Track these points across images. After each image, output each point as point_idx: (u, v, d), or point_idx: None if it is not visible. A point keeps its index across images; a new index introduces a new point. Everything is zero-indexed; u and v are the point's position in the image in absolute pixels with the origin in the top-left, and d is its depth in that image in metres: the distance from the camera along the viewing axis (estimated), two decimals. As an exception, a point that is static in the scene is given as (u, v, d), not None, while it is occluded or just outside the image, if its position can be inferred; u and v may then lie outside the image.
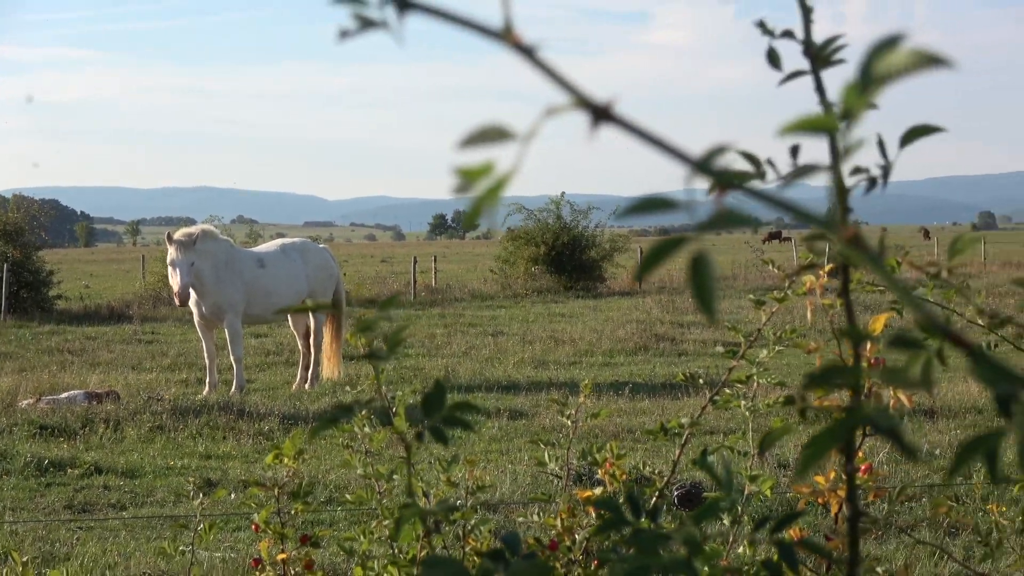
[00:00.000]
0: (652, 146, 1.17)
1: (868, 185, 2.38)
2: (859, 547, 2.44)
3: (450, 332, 33.59)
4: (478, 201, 1.20)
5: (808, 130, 1.18)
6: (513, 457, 16.01)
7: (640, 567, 2.11)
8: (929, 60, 1.15)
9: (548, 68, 1.18)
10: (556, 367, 26.71)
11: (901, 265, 4.06)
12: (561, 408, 6.02)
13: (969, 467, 1.18)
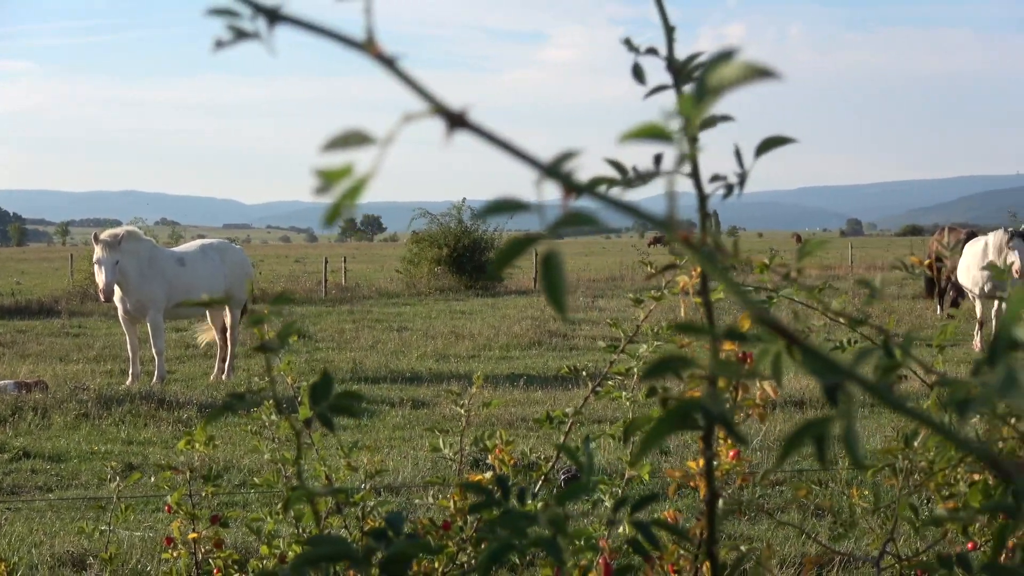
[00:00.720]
0: (505, 151, 1.16)
1: (726, 192, 2.39)
2: (716, 526, 2.45)
3: (358, 327, 33.57)
4: (338, 201, 1.19)
5: (646, 137, 1.17)
6: (415, 444, 16.04)
7: (506, 545, 2.11)
8: (757, 72, 1.14)
9: (407, 77, 1.17)
10: (456, 360, 26.80)
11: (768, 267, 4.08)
12: (456, 399, 6.04)
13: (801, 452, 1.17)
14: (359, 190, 1.19)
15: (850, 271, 55.64)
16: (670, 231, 1.14)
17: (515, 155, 1.16)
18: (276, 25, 1.26)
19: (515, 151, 1.16)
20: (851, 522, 4.55)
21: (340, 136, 1.19)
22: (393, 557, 2.32)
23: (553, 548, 2.11)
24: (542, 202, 1.17)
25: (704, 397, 1.15)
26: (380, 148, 1.17)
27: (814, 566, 4.48)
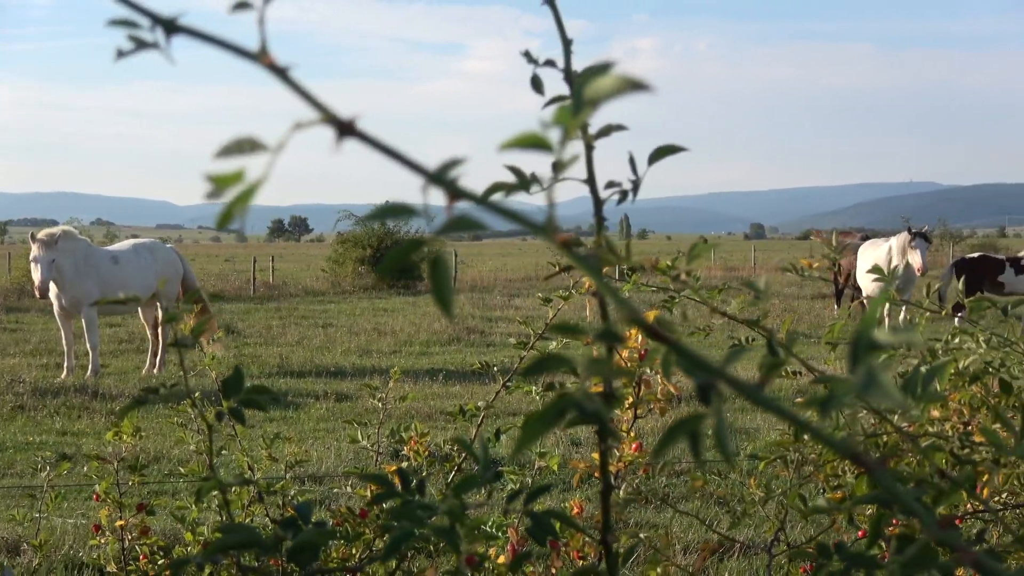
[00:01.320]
0: (392, 159, 1.16)
1: (620, 197, 2.39)
2: (609, 515, 2.45)
3: (285, 324, 33.50)
4: (229, 205, 1.18)
5: (525, 146, 1.16)
6: (338, 435, 16.00)
7: (406, 533, 2.10)
8: (632, 85, 1.14)
9: (298, 87, 1.16)
10: (379, 355, 26.81)
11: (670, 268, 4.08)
12: (373, 392, 6.05)
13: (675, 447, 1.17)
14: (250, 195, 1.18)
15: (753, 272, 56.03)
16: (548, 235, 1.13)
17: (401, 162, 1.15)
18: (173, 36, 1.24)
19: (401, 159, 1.15)
20: (743, 511, 4.57)
21: (233, 143, 1.18)
22: (301, 545, 2.31)
23: (450, 537, 2.11)
24: (428, 206, 1.16)
25: (578, 394, 1.15)
26: (272, 155, 1.16)
27: (711, 553, 4.49)
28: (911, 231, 28.03)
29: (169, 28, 1.24)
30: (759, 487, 4.43)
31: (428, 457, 5.21)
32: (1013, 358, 3.93)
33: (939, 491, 2.04)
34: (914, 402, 1.92)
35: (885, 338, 1.12)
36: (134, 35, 1.25)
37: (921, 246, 27.52)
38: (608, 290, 1.13)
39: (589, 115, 1.16)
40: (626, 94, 1.12)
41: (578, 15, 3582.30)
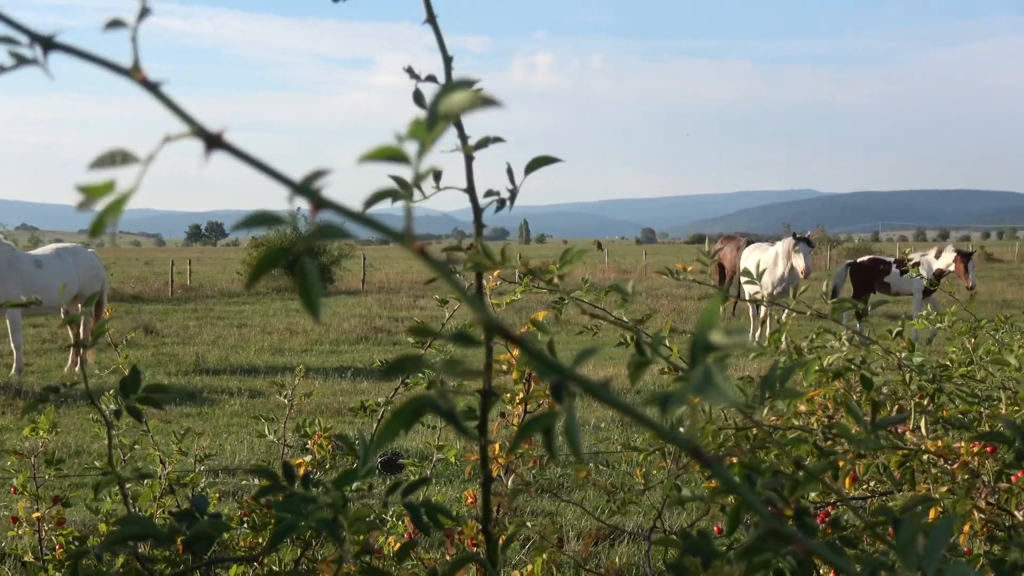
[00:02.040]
0: (258, 170, 1.15)
1: (498, 205, 2.39)
2: (489, 506, 2.45)
3: (201, 324, 33.30)
4: (101, 214, 1.17)
5: (383, 159, 1.16)
6: (251, 430, 15.94)
7: (290, 525, 2.09)
8: (482, 101, 1.14)
9: (169, 101, 1.15)
10: (291, 354, 26.70)
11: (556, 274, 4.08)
12: (279, 389, 6.05)
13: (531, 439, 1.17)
14: (121, 204, 1.16)
15: (644, 275, 56.30)
16: (405, 243, 1.13)
17: (267, 174, 1.14)
18: (51, 52, 1.23)
19: (267, 170, 1.14)
20: (624, 500, 4.59)
21: (106, 155, 1.17)
22: (195, 536, 2.29)
23: (332, 528, 2.10)
24: (295, 214, 1.16)
25: (434, 394, 1.14)
26: (142, 166, 1.15)
27: (594, 539, 4.51)
28: (795, 236, 28.36)
29: (46, 45, 1.23)
30: (642, 477, 4.45)
31: (332, 451, 5.20)
32: (874, 355, 3.98)
33: (795, 482, 2.06)
34: (760, 401, 1.93)
35: (719, 339, 1.13)
36: (14, 51, 1.23)
37: (804, 250, 27.91)
38: (462, 293, 1.13)
39: (444, 129, 1.15)
40: (477, 110, 1.12)
41: (481, 32, 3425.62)
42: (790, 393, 2.07)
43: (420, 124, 1.14)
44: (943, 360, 4.54)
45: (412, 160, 1.15)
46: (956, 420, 3.79)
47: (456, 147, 2.30)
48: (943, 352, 4.73)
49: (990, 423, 3.97)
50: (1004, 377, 4.31)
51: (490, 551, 2.42)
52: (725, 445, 3.78)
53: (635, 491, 4.60)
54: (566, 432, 1.18)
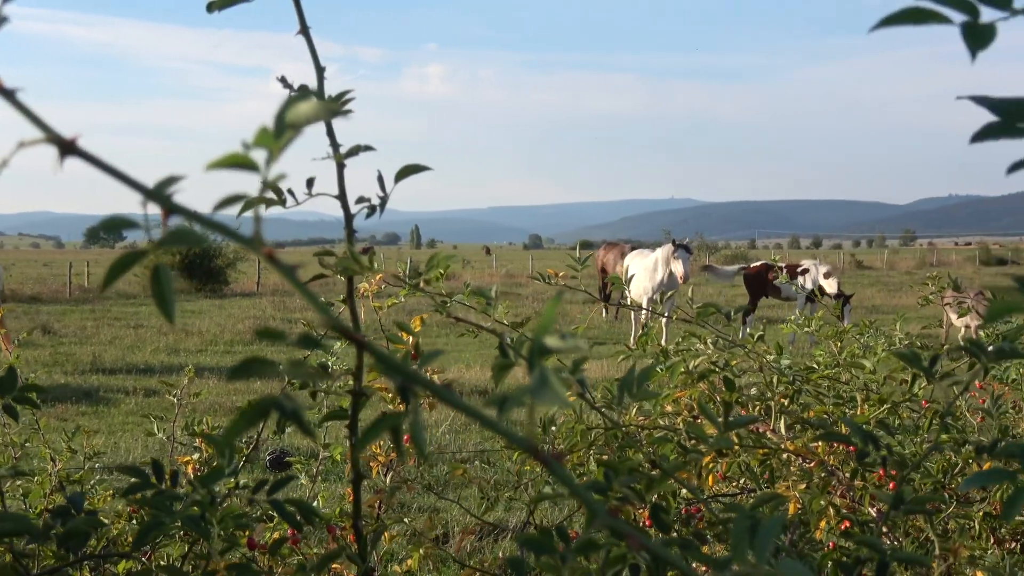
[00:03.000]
0: (111, 176, 1.13)
1: (369, 212, 2.39)
2: (359, 502, 2.44)
3: (99, 324, 32.96)
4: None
5: (231, 166, 1.15)
6: (145, 429, 15.80)
7: (155, 523, 2.07)
8: (328, 111, 1.14)
9: (24, 108, 1.13)
10: (186, 354, 26.49)
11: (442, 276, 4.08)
12: (170, 389, 6.01)
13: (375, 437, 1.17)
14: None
15: (528, 279, 56.46)
16: (254, 248, 1.12)
17: (121, 180, 1.13)
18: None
19: (120, 176, 1.13)
20: (496, 497, 4.60)
21: (-40, 160, 1.15)
22: (70, 532, 2.27)
23: (197, 524, 2.09)
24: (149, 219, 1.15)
25: (279, 396, 1.14)
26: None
27: (477, 535, 4.51)
28: (675, 243, 28.68)
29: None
30: (516, 475, 4.47)
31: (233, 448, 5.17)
32: (737, 358, 4.02)
33: (650, 480, 2.07)
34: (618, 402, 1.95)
35: (554, 343, 1.14)
36: None
37: (683, 256, 28.28)
38: (309, 297, 1.12)
39: (291, 138, 1.15)
40: (323, 119, 1.12)
41: (374, 44, 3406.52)
42: (647, 394, 2.09)
43: (267, 132, 1.13)
44: (811, 363, 4.60)
45: (261, 168, 1.15)
46: (813, 420, 3.84)
47: (328, 155, 2.30)
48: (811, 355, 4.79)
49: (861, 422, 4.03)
50: (867, 379, 4.37)
51: (360, 546, 2.42)
52: (596, 444, 3.80)
53: (500, 488, 4.62)
54: (412, 431, 1.18)
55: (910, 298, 40.22)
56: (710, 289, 50.56)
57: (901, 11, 1.38)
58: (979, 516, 4.00)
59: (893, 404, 3.81)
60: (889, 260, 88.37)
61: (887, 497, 2.19)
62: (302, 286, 1.13)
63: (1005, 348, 1.85)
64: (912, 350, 2.22)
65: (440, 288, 3.93)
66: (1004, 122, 1.45)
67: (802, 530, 3.24)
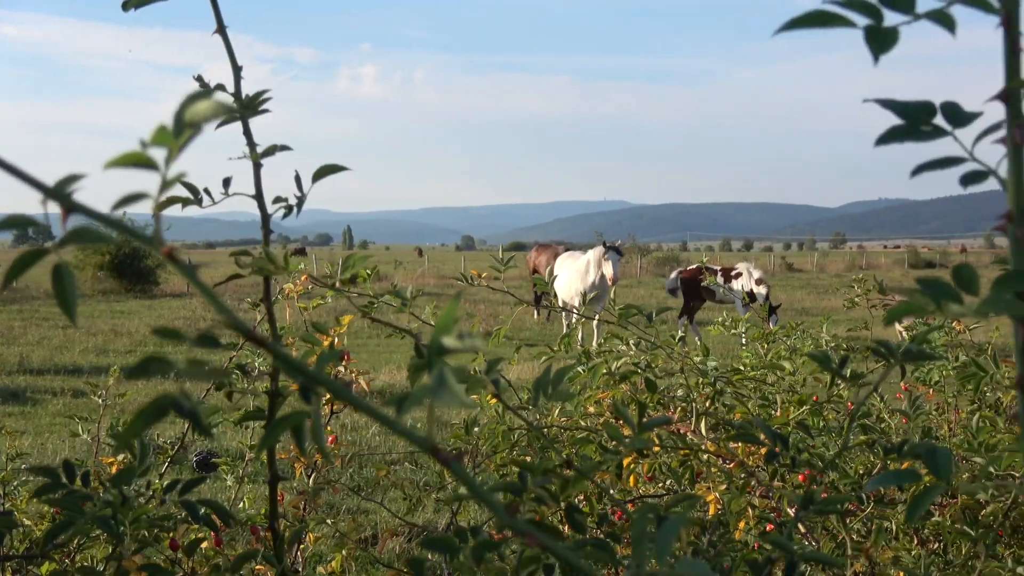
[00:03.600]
0: (11, 175, 1.13)
1: (286, 211, 2.38)
2: (275, 503, 2.44)
3: (27, 325, 32.63)
4: None
5: (130, 165, 1.15)
6: (73, 428, 15.68)
7: (65, 523, 2.06)
8: (225, 109, 1.14)
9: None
10: (115, 355, 26.25)
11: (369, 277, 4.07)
12: (93, 389, 5.98)
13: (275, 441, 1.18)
14: None
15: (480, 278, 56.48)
16: (154, 247, 1.12)
17: (20, 178, 1.12)
18: None
19: (19, 175, 1.12)
20: (418, 499, 4.60)
21: None
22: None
23: (107, 525, 2.08)
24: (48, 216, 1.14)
25: (177, 395, 1.14)
26: None
27: (395, 536, 4.51)
28: (605, 245, 28.79)
29: None
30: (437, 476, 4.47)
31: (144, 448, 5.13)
32: (658, 359, 4.04)
33: (565, 480, 2.08)
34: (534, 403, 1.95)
35: (452, 344, 1.14)
36: None
37: (614, 258, 28.39)
38: (210, 297, 1.12)
39: (190, 136, 1.14)
40: (220, 117, 1.12)
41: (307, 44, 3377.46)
42: (562, 395, 2.09)
43: (165, 131, 1.13)
44: (737, 364, 4.63)
45: (160, 166, 1.14)
46: (735, 422, 3.86)
47: (244, 154, 2.29)
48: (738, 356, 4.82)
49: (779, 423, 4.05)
50: (790, 381, 4.40)
51: (276, 547, 2.41)
52: (519, 445, 3.81)
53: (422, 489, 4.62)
54: (312, 431, 1.18)
55: (839, 300, 40.58)
56: (641, 291, 50.76)
57: (806, 14, 1.40)
58: (900, 517, 4.03)
59: (814, 405, 3.84)
60: (819, 263, 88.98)
61: (797, 498, 2.21)
62: (202, 286, 1.13)
63: (913, 350, 1.87)
64: (823, 351, 2.24)
65: (367, 289, 3.93)
66: (908, 125, 1.47)
67: (721, 531, 3.25)
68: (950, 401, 5.35)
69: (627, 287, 53.31)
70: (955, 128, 1.48)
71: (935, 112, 1.48)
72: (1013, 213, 1.45)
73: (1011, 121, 1.44)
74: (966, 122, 1.48)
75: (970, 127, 1.50)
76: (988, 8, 1.41)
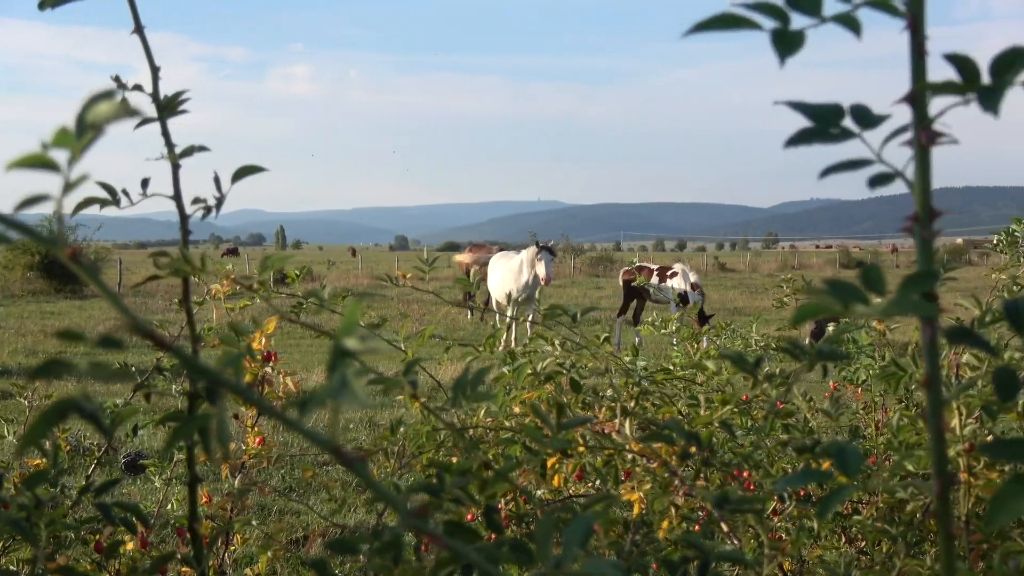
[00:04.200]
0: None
1: (204, 212, 2.37)
2: (196, 504, 2.43)
3: (-46, 326, 32.34)
4: None
5: (32, 166, 1.14)
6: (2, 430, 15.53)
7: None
8: (127, 112, 1.14)
9: None
10: (45, 356, 25.95)
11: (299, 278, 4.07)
12: (19, 391, 5.94)
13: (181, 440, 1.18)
14: None
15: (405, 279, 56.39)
16: (57, 248, 1.12)
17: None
18: None
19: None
20: (343, 499, 4.59)
21: None
22: None
23: (22, 528, 2.06)
24: None
25: (78, 397, 1.13)
26: None
27: (319, 536, 4.49)
28: (538, 245, 28.83)
29: None
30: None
31: (70, 451, 5.09)
32: (583, 360, 4.04)
33: (483, 481, 2.08)
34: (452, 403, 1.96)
35: (354, 345, 1.14)
36: None
37: (546, 258, 28.42)
38: (111, 298, 1.12)
39: (92, 138, 1.14)
40: (122, 119, 1.12)
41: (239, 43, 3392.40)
42: (481, 396, 2.10)
43: (67, 133, 1.12)
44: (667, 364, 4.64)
45: (63, 168, 1.14)
46: (659, 422, 3.88)
47: (162, 155, 2.28)
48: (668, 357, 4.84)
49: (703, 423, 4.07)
50: (718, 380, 4.41)
51: (195, 548, 2.40)
52: (445, 445, 3.81)
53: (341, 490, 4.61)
54: (218, 432, 1.18)
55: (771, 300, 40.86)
56: (575, 291, 50.87)
57: (712, 17, 1.41)
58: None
59: (739, 405, 3.85)
60: (752, 262, 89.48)
61: (711, 496, 2.22)
62: (104, 287, 1.13)
63: (824, 349, 1.89)
64: (737, 351, 2.25)
65: (296, 289, 3.92)
66: (818, 127, 1.48)
67: (645, 530, 3.27)
68: (877, 400, 5.39)
69: (561, 287, 53.43)
70: (864, 130, 1.49)
71: (843, 114, 1.49)
72: (919, 215, 1.46)
73: (918, 124, 1.46)
74: (874, 124, 1.49)
75: (883, 129, 1.51)
76: (894, 12, 1.43)
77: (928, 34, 1.44)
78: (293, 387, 4.60)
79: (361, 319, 4.02)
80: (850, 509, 4.05)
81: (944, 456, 1.53)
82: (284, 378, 4.61)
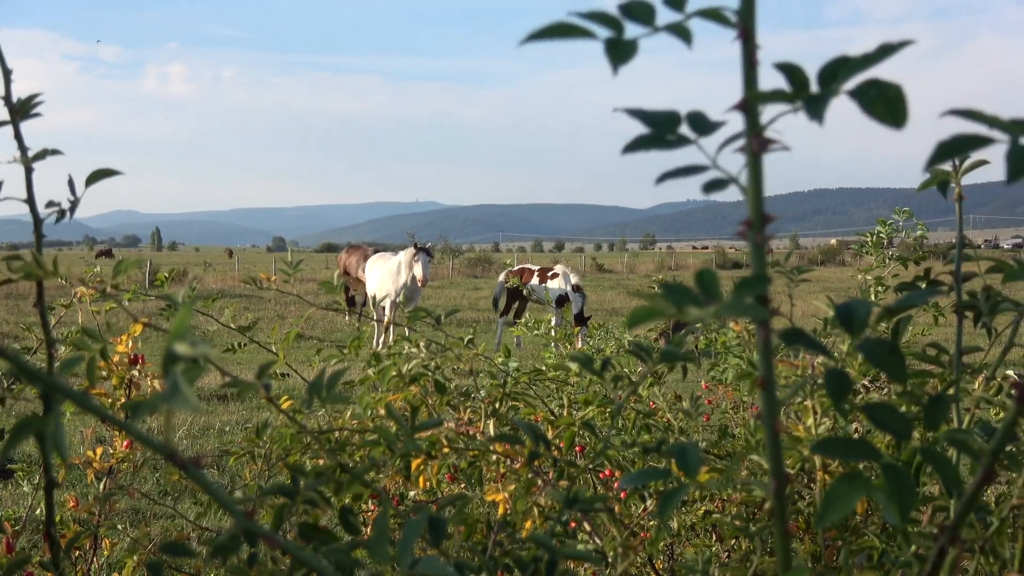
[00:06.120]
0: None
1: (59, 216, 2.36)
2: (52, 509, 2.41)
3: None
4: None
5: None
6: None
7: None
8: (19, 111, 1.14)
9: None
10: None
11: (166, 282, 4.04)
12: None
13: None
14: None
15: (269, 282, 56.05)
16: None
17: None
18: None
19: None
20: (207, 502, 4.57)
21: None
22: None
23: None
24: None
25: None
26: None
27: (184, 539, 4.46)
28: (416, 246, 28.85)
29: None
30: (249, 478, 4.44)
31: None
32: (448, 362, 4.06)
33: (339, 483, 2.10)
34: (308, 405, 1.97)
35: (184, 350, 1.16)
36: None
37: (424, 259, 28.48)
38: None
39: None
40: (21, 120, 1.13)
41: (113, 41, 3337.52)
42: (337, 398, 2.11)
43: None
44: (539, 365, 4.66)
45: None
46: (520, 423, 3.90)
47: (15, 159, 2.27)
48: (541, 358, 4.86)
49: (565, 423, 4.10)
50: (584, 382, 4.45)
51: (53, 553, 2.39)
52: (312, 448, 3.81)
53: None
54: (53, 436, 1.18)
55: (648, 301, 40.92)
56: (453, 292, 50.91)
57: (548, 26, 1.44)
58: (700, 513, 4.12)
59: (602, 403, 3.89)
60: (629, 263, 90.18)
61: (559, 496, 2.25)
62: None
63: (667, 351, 1.93)
64: (584, 353, 2.29)
65: (165, 292, 3.89)
66: (655, 134, 1.52)
67: (509, 530, 3.29)
68: (745, 399, 5.47)
69: (439, 288, 53.49)
70: (700, 136, 1.52)
71: (680, 121, 1.52)
72: (752, 219, 1.50)
73: (750, 131, 1.50)
74: (710, 131, 1.53)
75: (721, 134, 1.55)
76: (725, 22, 1.47)
77: (759, 43, 1.48)
78: (160, 388, 4.57)
79: (233, 321, 4.02)
80: (720, 507, 4.11)
81: (780, 456, 1.57)
82: (152, 381, 4.57)
